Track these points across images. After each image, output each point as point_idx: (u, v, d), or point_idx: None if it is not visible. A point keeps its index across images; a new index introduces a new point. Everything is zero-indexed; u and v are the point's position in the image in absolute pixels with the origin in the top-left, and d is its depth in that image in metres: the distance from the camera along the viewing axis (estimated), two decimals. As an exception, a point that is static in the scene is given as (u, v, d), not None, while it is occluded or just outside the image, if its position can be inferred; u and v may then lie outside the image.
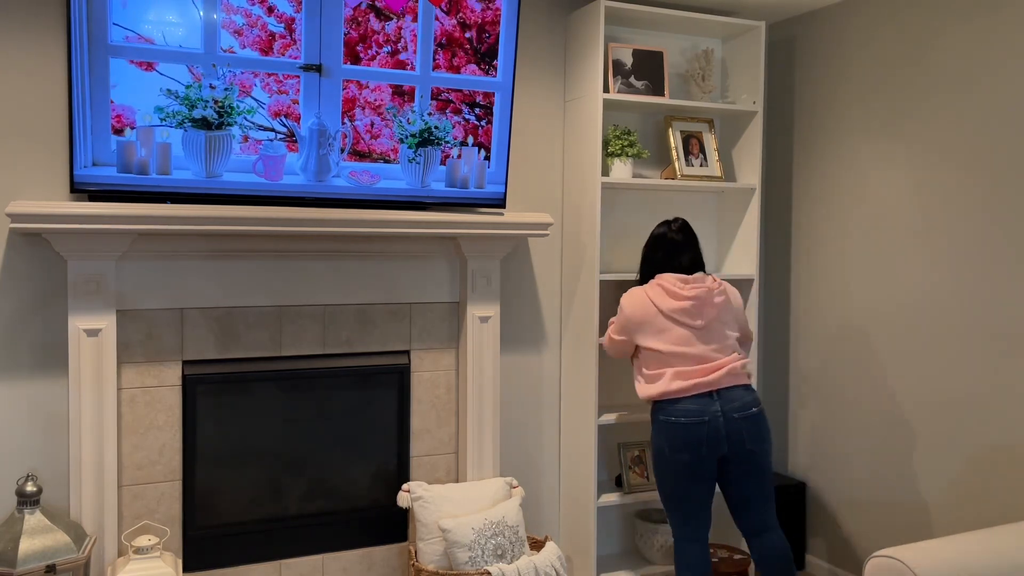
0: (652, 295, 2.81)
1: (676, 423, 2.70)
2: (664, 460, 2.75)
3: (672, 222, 2.95)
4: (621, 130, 3.36)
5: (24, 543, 2.43)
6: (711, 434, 2.69)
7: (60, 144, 2.72)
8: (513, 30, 3.03)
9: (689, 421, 2.69)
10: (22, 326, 2.70)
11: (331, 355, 3.11)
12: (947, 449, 3.03)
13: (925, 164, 3.11)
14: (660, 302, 2.78)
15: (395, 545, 3.22)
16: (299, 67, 2.74)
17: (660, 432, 2.76)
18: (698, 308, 2.77)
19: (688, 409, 2.70)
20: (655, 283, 2.83)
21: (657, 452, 2.78)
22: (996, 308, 2.87)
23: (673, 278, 2.81)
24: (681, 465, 2.72)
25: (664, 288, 2.80)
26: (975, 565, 2.22)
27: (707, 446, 2.69)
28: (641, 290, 2.85)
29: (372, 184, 2.92)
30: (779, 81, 3.79)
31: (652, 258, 2.94)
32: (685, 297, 2.77)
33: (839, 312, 3.48)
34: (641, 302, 2.82)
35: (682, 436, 2.70)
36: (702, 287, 2.80)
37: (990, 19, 2.89)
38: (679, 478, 2.74)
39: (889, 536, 3.25)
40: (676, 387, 2.72)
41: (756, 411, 2.75)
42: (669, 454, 2.73)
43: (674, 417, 2.71)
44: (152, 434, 2.85)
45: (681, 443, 2.70)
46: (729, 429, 2.70)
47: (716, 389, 2.73)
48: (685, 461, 2.71)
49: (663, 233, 2.93)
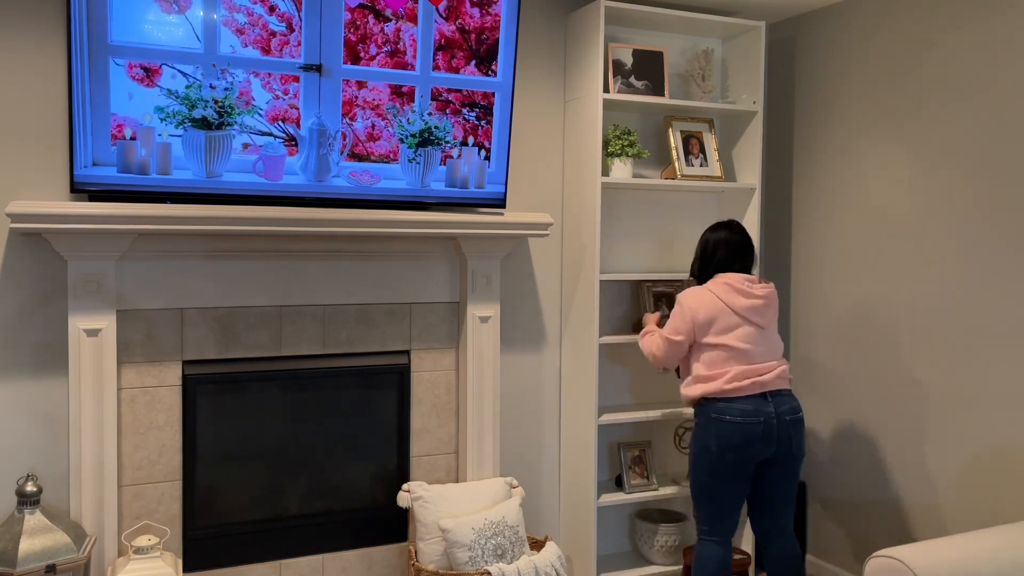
0: (720, 293, 2.81)
1: (732, 422, 2.71)
2: (708, 458, 2.76)
3: (730, 224, 2.94)
4: (621, 130, 3.36)
5: (24, 543, 2.43)
6: (764, 435, 2.72)
7: (60, 144, 2.72)
8: (513, 30, 3.03)
9: (745, 421, 2.71)
10: (22, 326, 2.70)
11: (331, 355, 3.11)
12: (947, 449, 3.03)
13: (925, 163, 3.11)
14: (731, 300, 2.79)
15: (395, 545, 3.22)
16: (299, 67, 2.74)
17: (709, 429, 2.76)
18: (765, 308, 2.81)
19: (744, 409, 2.72)
20: (721, 281, 2.83)
21: (701, 449, 2.78)
22: (996, 307, 2.87)
23: (740, 278, 2.83)
24: (726, 464, 2.73)
25: (732, 287, 2.80)
26: (975, 565, 2.22)
27: (758, 446, 2.72)
28: (704, 289, 2.84)
29: (372, 184, 2.92)
30: (779, 81, 3.79)
31: (712, 258, 2.91)
32: (757, 296, 2.80)
33: (839, 312, 3.48)
34: (710, 300, 2.81)
35: (735, 435, 2.71)
36: (768, 288, 2.84)
37: (990, 19, 2.89)
38: (720, 476, 2.75)
39: (889, 536, 3.25)
40: (734, 386, 2.73)
41: (801, 416, 2.82)
42: (717, 452, 2.73)
43: (729, 416, 2.72)
44: (152, 434, 2.85)
45: (732, 442, 2.71)
46: (780, 431, 2.74)
47: (769, 391, 2.76)
48: (731, 460, 2.73)
49: (723, 237, 2.92)
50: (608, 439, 3.56)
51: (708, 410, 2.77)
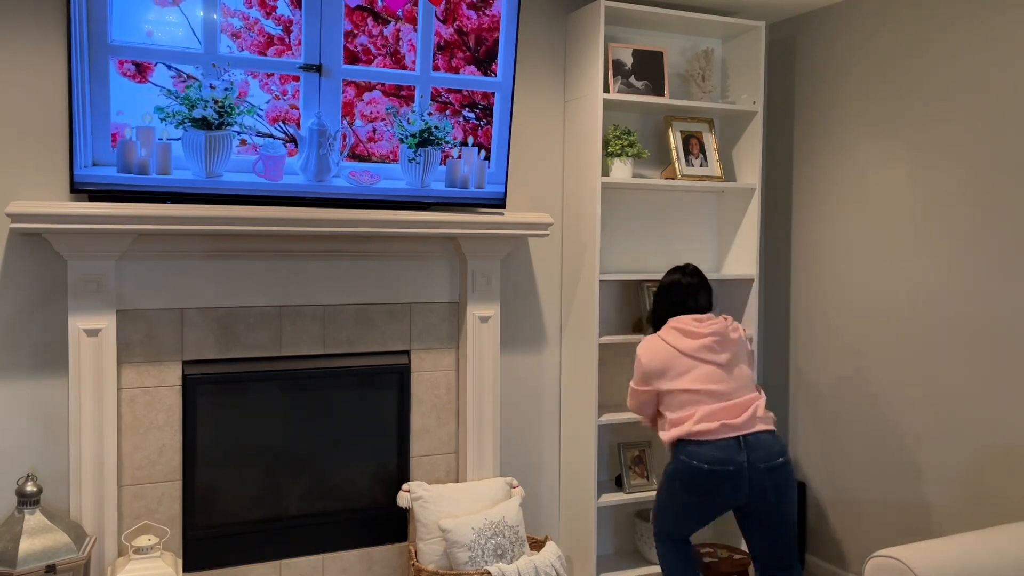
0: (668, 338, 2.76)
1: (698, 468, 2.60)
2: (673, 493, 2.69)
3: (683, 268, 2.92)
4: (621, 130, 3.36)
5: (24, 543, 2.43)
6: (733, 486, 2.60)
7: (60, 144, 2.72)
8: (513, 30, 3.03)
9: (712, 469, 2.59)
10: (22, 326, 2.70)
11: (331, 355, 3.11)
12: (947, 449, 3.03)
13: (925, 163, 3.11)
14: (678, 343, 2.73)
15: (395, 545, 3.22)
16: (299, 67, 2.74)
17: (677, 471, 2.66)
18: (720, 343, 2.73)
19: (713, 456, 2.59)
20: (669, 327, 2.79)
21: (668, 482, 2.71)
22: (996, 307, 2.87)
23: (687, 318, 2.78)
24: (691, 505, 2.67)
25: (680, 329, 2.76)
26: (975, 565, 2.22)
27: (725, 496, 2.62)
28: (655, 336, 2.81)
29: (372, 184, 2.92)
30: (779, 81, 3.79)
31: (664, 303, 2.89)
32: (704, 334, 2.73)
33: (839, 311, 3.48)
34: (658, 347, 2.76)
35: (701, 482, 2.61)
36: (718, 323, 2.77)
37: (989, 19, 2.89)
38: (683, 511, 2.70)
39: (889, 536, 3.25)
40: (702, 428, 2.61)
41: (782, 461, 2.64)
42: (681, 492, 2.66)
43: (696, 461, 2.60)
44: (152, 434, 2.85)
45: (697, 488, 2.62)
46: (753, 481, 2.61)
47: (744, 434, 2.63)
48: (695, 503, 2.66)
49: (676, 279, 2.89)
50: (608, 439, 3.56)
51: (679, 452, 2.67)
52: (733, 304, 3.64)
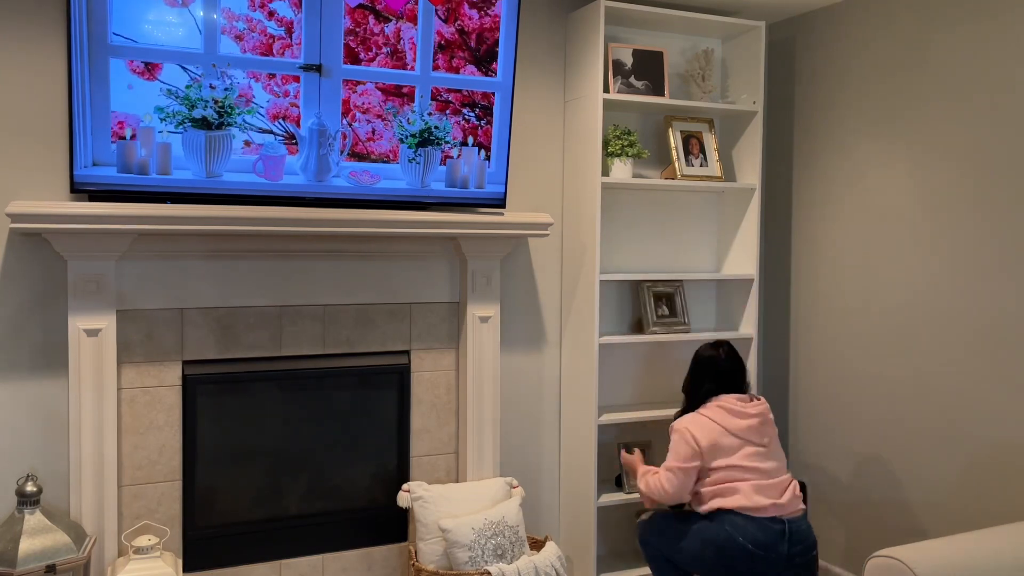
0: (716, 417, 2.75)
1: (741, 546, 2.60)
2: (700, 555, 2.68)
3: (720, 346, 2.90)
4: (621, 130, 3.36)
5: (24, 543, 2.43)
6: (764, 569, 2.61)
7: (60, 144, 2.72)
8: (513, 30, 3.03)
9: (754, 552, 2.60)
10: (22, 326, 2.70)
11: (331, 355, 3.11)
12: (947, 449, 3.03)
13: (925, 163, 3.11)
14: (726, 423, 2.73)
15: (395, 545, 3.22)
16: (299, 67, 2.74)
17: (716, 540, 2.64)
18: (762, 427, 2.75)
19: (757, 539, 2.60)
20: (714, 405, 2.77)
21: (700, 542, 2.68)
22: (996, 307, 2.87)
23: (731, 398, 2.78)
24: (712, 569, 2.67)
25: (726, 409, 2.75)
26: (975, 565, 2.22)
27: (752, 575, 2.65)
28: (698, 415, 2.78)
29: (372, 184, 2.92)
30: (779, 81, 3.79)
31: (703, 379, 2.86)
32: (751, 415, 2.75)
33: (839, 311, 3.48)
34: (708, 425, 2.73)
35: (737, 562, 2.61)
36: (762, 405, 2.79)
37: (989, 20, 2.89)
38: (699, 565, 2.70)
39: (889, 536, 3.25)
40: (755, 504, 2.63)
41: (815, 554, 2.69)
42: (712, 558, 2.65)
43: (741, 537, 2.60)
44: (152, 434, 2.85)
45: (729, 566, 2.63)
46: (782, 573, 2.64)
47: (786, 517, 2.65)
48: (719, 572, 2.66)
49: (712, 357, 2.87)
50: (608, 439, 3.56)
51: (719, 521, 2.65)
52: (733, 304, 3.65)
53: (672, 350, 3.69)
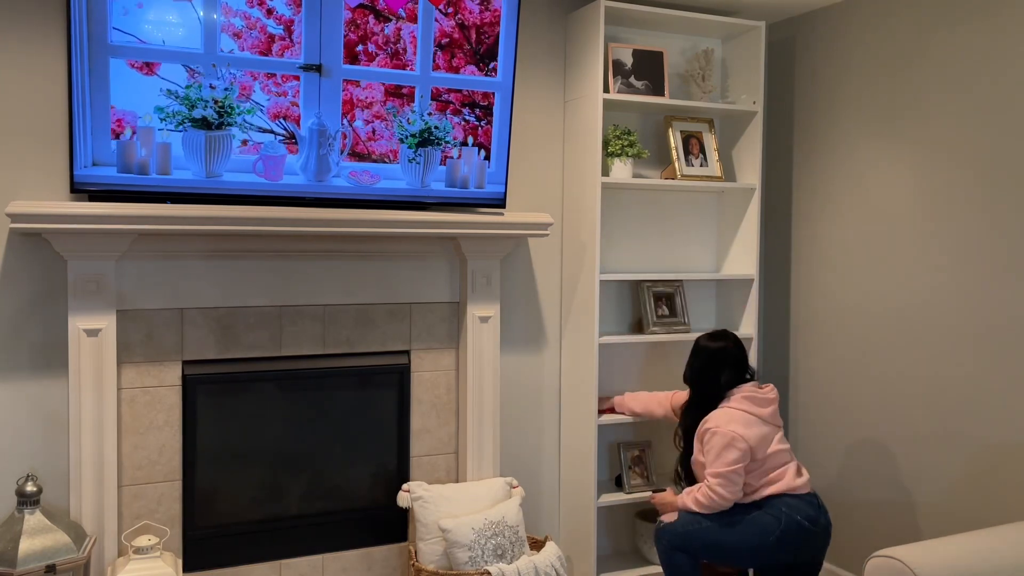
0: (748, 408, 2.79)
1: (800, 524, 2.68)
2: (753, 549, 2.69)
3: (725, 336, 2.93)
4: (621, 130, 3.36)
5: (24, 543, 2.43)
6: (813, 543, 2.72)
7: (60, 144, 2.72)
8: (513, 30, 3.03)
9: (810, 528, 2.69)
10: (22, 326, 2.70)
11: (331, 355, 3.11)
12: (947, 449, 3.03)
13: (925, 163, 3.11)
14: (758, 412, 2.79)
15: (395, 545, 3.22)
16: (299, 67, 2.74)
17: (775, 524, 2.68)
18: (776, 410, 2.84)
19: (809, 515, 2.71)
20: (741, 396, 2.81)
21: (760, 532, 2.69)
22: (996, 307, 2.87)
23: (750, 387, 2.84)
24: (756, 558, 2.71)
25: (751, 398, 2.81)
26: (975, 565, 2.22)
27: (802, 555, 2.72)
28: (730, 410, 2.79)
29: (372, 184, 2.92)
30: (779, 81, 3.79)
31: (718, 374, 2.88)
32: (771, 400, 2.83)
33: (839, 312, 3.48)
34: (746, 419, 2.77)
35: (800, 537, 2.68)
36: (772, 388, 2.87)
37: (989, 19, 2.89)
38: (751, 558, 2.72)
39: (889, 536, 3.25)
40: (800, 482, 2.75)
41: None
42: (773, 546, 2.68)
43: (799, 516, 2.68)
44: (152, 434, 2.85)
45: (793, 543, 2.68)
46: (820, 543, 2.75)
47: (812, 491, 2.79)
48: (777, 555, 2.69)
49: (722, 347, 2.90)
50: (608, 439, 3.56)
51: (777, 504, 2.71)
52: (733, 304, 3.65)
53: (672, 350, 3.69)
